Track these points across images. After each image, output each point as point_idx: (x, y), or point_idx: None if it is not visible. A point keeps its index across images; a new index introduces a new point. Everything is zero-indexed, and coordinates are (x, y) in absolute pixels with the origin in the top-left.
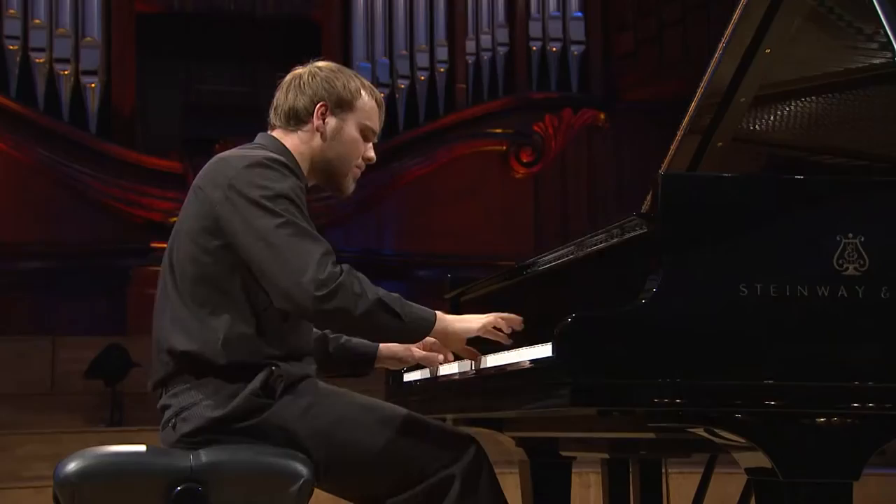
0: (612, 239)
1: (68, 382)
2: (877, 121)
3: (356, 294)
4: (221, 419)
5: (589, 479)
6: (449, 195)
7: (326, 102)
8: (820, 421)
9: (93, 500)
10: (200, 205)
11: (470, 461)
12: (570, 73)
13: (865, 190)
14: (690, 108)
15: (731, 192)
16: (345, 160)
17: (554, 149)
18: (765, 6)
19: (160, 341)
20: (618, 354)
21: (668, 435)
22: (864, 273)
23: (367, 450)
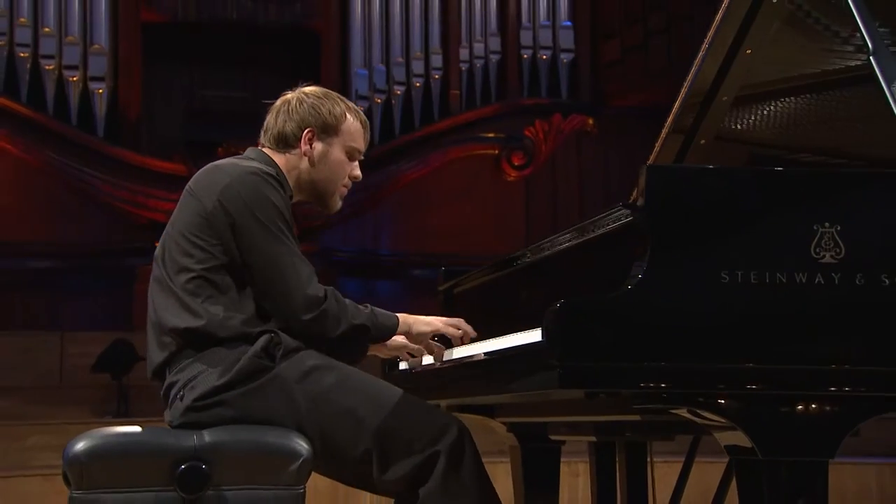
0: (600, 228)
1: (76, 376)
2: (853, 121)
3: (337, 318)
4: (226, 385)
5: (578, 468)
6: (443, 197)
7: (313, 128)
8: (797, 402)
9: (101, 478)
10: (192, 207)
11: (454, 439)
12: (560, 79)
13: (841, 181)
14: (674, 107)
15: (713, 183)
16: (331, 181)
17: (544, 153)
18: (745, 9)
19: (160, 325)
20: (605, 339)
21: (652, 417)
22: (840, 261)
23: (359, 418)
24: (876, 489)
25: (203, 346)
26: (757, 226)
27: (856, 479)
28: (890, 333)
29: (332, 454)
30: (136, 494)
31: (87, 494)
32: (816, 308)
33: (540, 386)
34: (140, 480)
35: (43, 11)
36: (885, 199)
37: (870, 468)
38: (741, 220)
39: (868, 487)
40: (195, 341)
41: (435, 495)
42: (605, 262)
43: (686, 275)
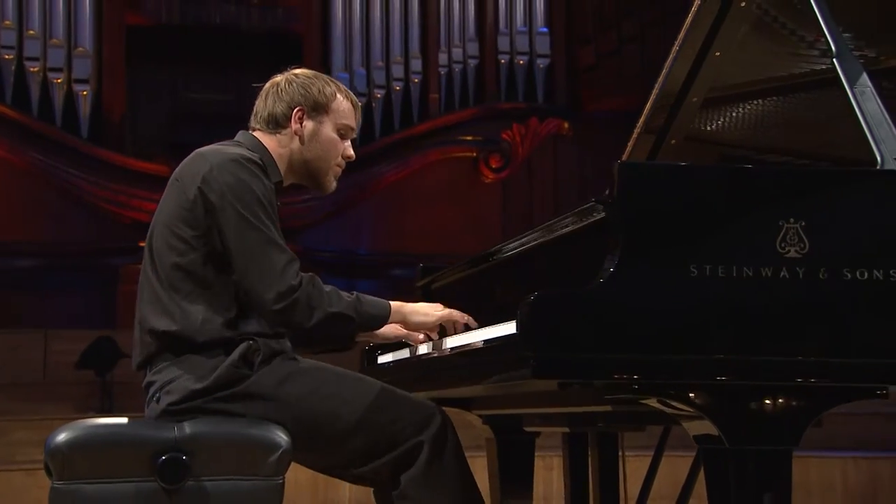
0: (573, 224)
1: (60, 373)
2: (818, 123)
3: (311, 308)
4: (203, 390)
5: (552, 462)
6: (422, 198)
7: (303, 107)
8: (763, 393)
9: (82, 468)
10: (177, 196)
11: (437, 429)
12: (536, 84)
13: (806, 179)
14: (646, 108)
15: (683, 180)
16: (323, 160)
17: (521, 155)
18: (714, 13)
19: (142, 323)
20: (577, 331)
21: (623, 407)
22: (804, 255)
23: (341, 417)
24: (840, 481)
25: (181, 351)
26: (725, 221)
27: (820, 472)
28: (851, 326)
29: (312, 452)
30: (116, 485)
31: (68, 485)
32: (782, 301)
33: (514, 377)
34: (121, 471)
35: (28, 14)
36: (848, 196)
37: (834, 461)
38: (709, 216)
39: (832, 480)
40: (173, 345)
41: (418, 483)
42: (578, 256)
43: (656, 269)
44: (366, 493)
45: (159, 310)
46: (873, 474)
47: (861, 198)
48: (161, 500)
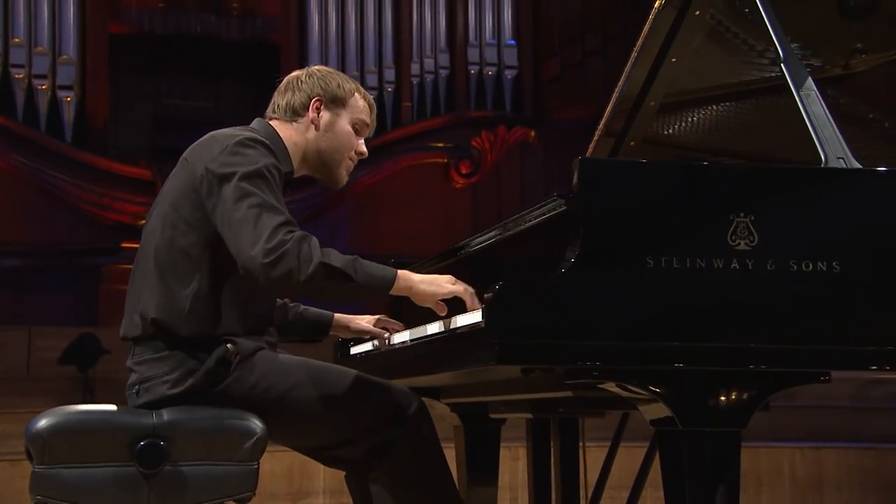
0: (537, 218)
1: (43, 368)
2: (768, 127)
3: (302, 260)
4: (177, 396)
5: (518, 452)
6: (395, 202)
7: (322, 97)
8: (714, 377)
9: (62, 453)
10: (185, 175)
11: (413, 416)
12: (504, 94)
13: (755, 176)
14: (606, 112)
15: (640, 176)
16: (337, 151)
17: (490, 162)
18: (670, 21)
19: (134, 301)
20: (539, 319)
21: (583, 393)
22: (753, 248)
23: (318, 413)
24: (787, 470)
25: (164, 344)
26: (680, 215)
27: (770, 461)
28: (796, 314)
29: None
30: (96, 469)
31: (48, 469)
32: (732, 291)
33: (480, 362)
34: (100, 456)
35: (13, 23)
36: (794, 192)
37: (782, 451)
38: (665, 210)
39: (780, 468)
40: (158, 335)
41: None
42: (541, 249)
43: (614, 260)
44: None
45: (152, 292)
46: (819, 463)
47: (807, 194)
48: (139, 484)
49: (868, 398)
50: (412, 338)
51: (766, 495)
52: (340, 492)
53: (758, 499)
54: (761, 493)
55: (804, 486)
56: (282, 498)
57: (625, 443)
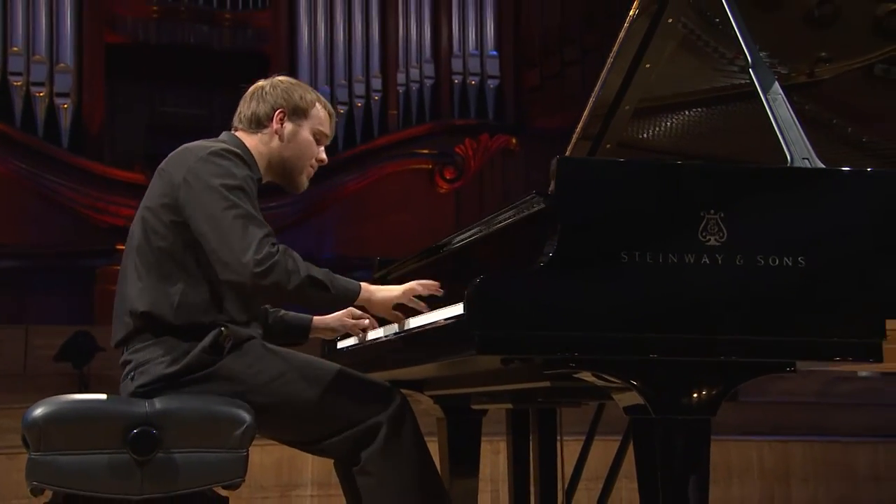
0: (517, 215)
1: (40, 365)
2: (739, 132)
3: (289, 271)
4: (173, 374)
5: (499, 446)
6: (381, 207)
7: (285, 109)
8: (684, 367)
9: (57, 441)
10: (162, 185)
11: (396, 409)
12: (487, 103)
13: (725, 175)
14: (583, 116)
15: (616, 174)
16: (299, 159)
17: (473, 168)
18: (644, 28)
19: (123, 304)
20: (518, 311)
21: (560, 383)
22: (723, 244)
23: (306, 400)
24: (756, 462)
25: (157, 333)
26: (653, 212)
27: (739, 454)
28: (763, 307)
29: (279, 428)
30: (90, 456)
31: (44, 456)
32: (703, 285)
33: (462, 353)
34: (94, 443)
35: (12, 32)
36: (762, 191)
37: (751, 444)
38: (639, 207)
39: (750, 461)
40: (150, 325)
41: (378, 459)
42: (521, 243)
43: (590, 254)
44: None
45: (140, 291)
46: (786, 455)
47: (773, 193)
48: (132, 470)
49: (833, 394)
50: (397, 331)
51: (736, 486)
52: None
53: (728, 490)
54: (731, 484)
55: (772, 478)
56: (271, 490)
57: (601, 436)
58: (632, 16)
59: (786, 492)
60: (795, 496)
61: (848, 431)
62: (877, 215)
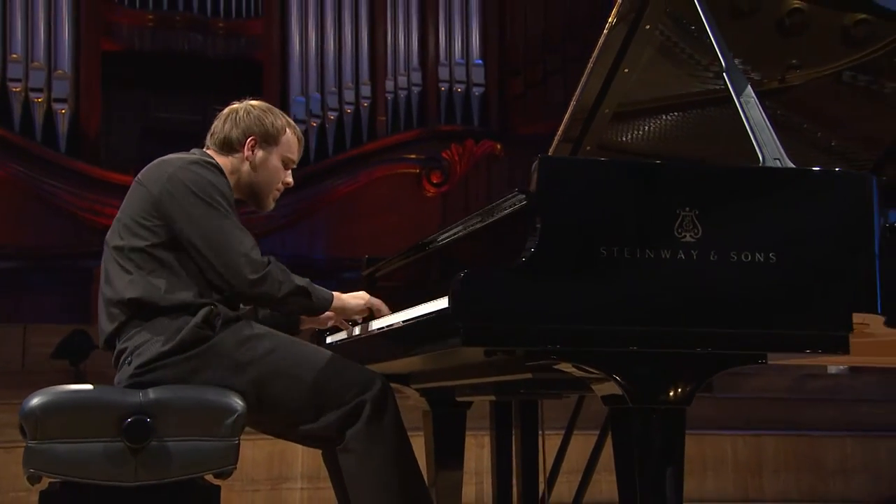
0: (500, 212)
1: (37, 363)
2: (713, 136)
3: (280, 281)
4: (169, 352)
5: (483, 440)
6: (370, 210)
7: (257, 137)
8: (660, 358)
9: (54, 429)
10: (140, 195)
11: (379, 391)
12: (472, 110)
13: (700, 174)
14: (564, 120)
15: (595, 173)
16: (267, 185)
17: (459, 172)
18: (622, 36)
19: (109, 298)
20: (501, 304)
21: (542, 375)
22: (697, 240)
23: (294, 376)
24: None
25: (148, 317)
26: (631, 209)
27: (714, 447)
28: (736, 301)
29: (267, 410)
30: (86, 444)
31: (40, 444)
32: (678, 280)
33: (446, 345)
34: (90, 432)
35: (11, 40)
36: (735, 189)
37: (725, 438)
38: (617, 204)
39: (724, 454)
40: (141, 311)
41: (360, 437)
42: (504, 240)
43: (570, 249)
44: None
45: (126, 284)
46: (758, 449)
47: (746, 191)
48: (127, 458)
49: (803, 390)
50: (385, 324)
51: (711, 478)
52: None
53: (703, 482)
54: (706, 476)
55: (745, 470)
56: (262, 483)
57: (580, 431)
58: (611, 23)
59: (758, 483)
60: (768, 488)
61: (818, 426)
62: (844, 214)
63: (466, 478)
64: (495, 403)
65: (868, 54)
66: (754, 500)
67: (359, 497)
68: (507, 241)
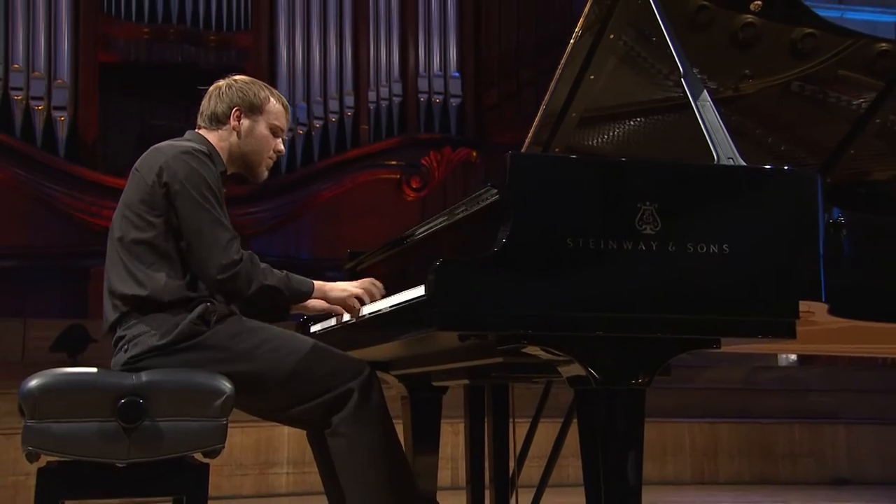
0: (474, 205)
1: (36, 355)
2: (673, 140)
3: (249, 280)
4: (163, 346)
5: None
6: (353, 213)
7: (241, 107)
8: (622, 342)
9: (51, 409)
10: (137, 184)
11: (365, 378)
12: (450, 119)
13: (659, 170)
14: (534, 123)
15: (563, 168)
16: (257, 153)
17: (437, 178)
18: (588, 45)
19: (112, 291)
20: (475, 291)
21: (512, 359)
22: (657, 232)
23: (284, 368)
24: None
25: (147, 311)
26: (595, 203)
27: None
28: (692, 289)
29: (257, 396)
30: (81, 424)
31: (38, 423)
32: (639, 269)
33: (424, 330)
34: (85, 412)
35: (13, 51)
36: (690, 185)
37: (683, 426)
38: (583, 199)
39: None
40: (141, 306)
41: (349, 421)
42: (477, 231)
43: (539, 240)
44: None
45: (127, 278)
46: (714, 436)
47: (701, 187)
48: (120, 437)
49: (755, 382)
50: (365, 313)
51: (671, 463)
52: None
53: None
54: (666, 461)
55: (702, 455)
56: (250, 468)
57: (548, 419)
58: (577, 33)
59: (714, 467)
60: (722, 471)
61: (768, 414)
62: (791, 209)
63: (443, 462)
64: (469, 392)
65: (814, 66)
66: (710, 483)
67: (348, 476)
68: (480, 232)
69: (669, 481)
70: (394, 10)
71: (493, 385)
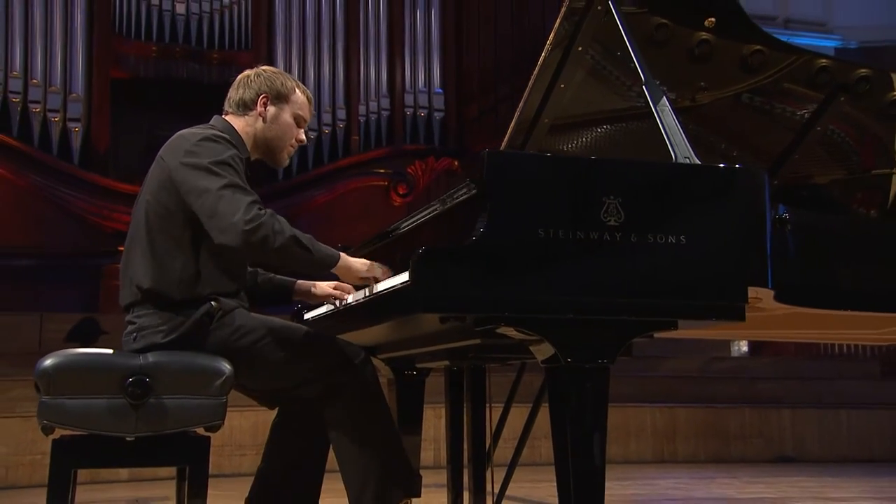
0: (454, 199)
1: (52, 346)
2: (636, 146)
3: (275, 231)
4: (168, 343)
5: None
6: (345, 217)
7: (268, 94)
8: (588, 323)
9: (64, 386)
10: (161, 170)
11: (361, 362)
12: (434, 131)
13: (622, 167)
14: (509, 129)
15: (534, 165)
16: (281, 139)
17: (421, 185)
18: (558, 58)
19: (130, 276)
20: (454, 277)
21: (488, 340)
22: (620, 224)
23: (283, 357)
24: (649, 424)
25: (158, 305)
26: (565, 196)
27: (636, 418)
28: (653, 275)
29: (257, 381)
30: (92, 400)
31: (53, 399)
32: (604, 257)
33: (409, 313)
34: (96, 389)
35: (31, 66)
36: (651, 181)
37: (645, 410)
38: (554, 192)
39: (644, 423)
40: (153, 299)
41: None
42: (457, 222)
43: (513, 230)
44: None
45: (145, 268)
46: (673, 419)
47: (661, 183)
48: (128, 412)
49: (711, 371)
50: (356, 299)
51: (633, 444)
52: None
53: (627, 446)
54: (629, 442)
55: (662, 437)
56: (248, 448)
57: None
58: (548, 48)
59: (673, 448)
60: (681, 451)
61: (722, 399)
62: (742, 203)
63: (425, 444)
64: (449, 377)
65: (762, 79)
66: (669, 461)
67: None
68: (460, 224)
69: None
70: (382, 31)
71: (472, 371)
